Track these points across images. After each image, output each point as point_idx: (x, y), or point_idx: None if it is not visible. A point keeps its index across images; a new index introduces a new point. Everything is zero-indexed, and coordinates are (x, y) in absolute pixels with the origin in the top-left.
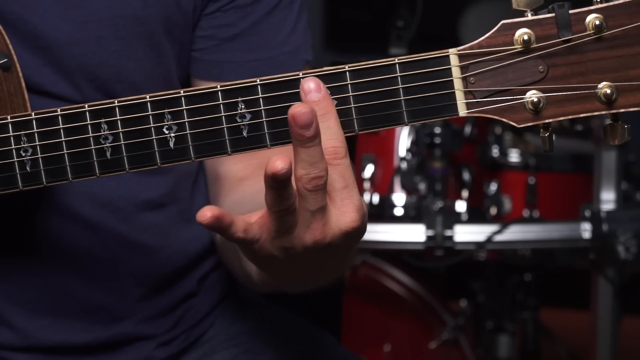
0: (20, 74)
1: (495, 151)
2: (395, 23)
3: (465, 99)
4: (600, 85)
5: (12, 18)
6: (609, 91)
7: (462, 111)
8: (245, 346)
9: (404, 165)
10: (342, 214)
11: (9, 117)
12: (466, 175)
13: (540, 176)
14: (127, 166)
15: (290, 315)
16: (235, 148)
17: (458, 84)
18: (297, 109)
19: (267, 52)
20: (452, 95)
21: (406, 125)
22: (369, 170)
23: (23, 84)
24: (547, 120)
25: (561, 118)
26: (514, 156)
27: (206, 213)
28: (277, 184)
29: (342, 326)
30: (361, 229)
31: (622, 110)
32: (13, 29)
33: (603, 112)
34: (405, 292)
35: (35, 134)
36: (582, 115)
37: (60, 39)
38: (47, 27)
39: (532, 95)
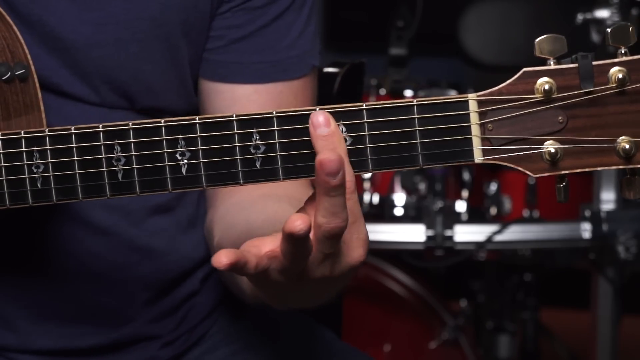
0: (37, 85)
1: None
2: (395, 23)
3: (482, 146)
4: (619, 140)
5: (31, 20)
6: (627, 146)
7: (478, 158)
8: (246, 342)
9: None
10: (351, 249)
11: (22, 132)
12: (466, 175)
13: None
14: (137, 190)
15: (291, 312)
16: (248, 179)
17: (475, 130)
18: (325, 156)
19: (274, 55)
20: (469, 141)
21: (421, 167)
22: None
23: (39, 95)
24: (563, 172)
25: (578, 170)
26: None
27: (222, 259)
28: (294, 241)
29: (342, 326)
30: (364, 260)
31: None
32: (32, 31)
33: (621, 167)
34: (405, 292)
35: (48, 151)
36: (599, 168)
37: (78, 41)
38: (66, 29)
39: (550, 145)
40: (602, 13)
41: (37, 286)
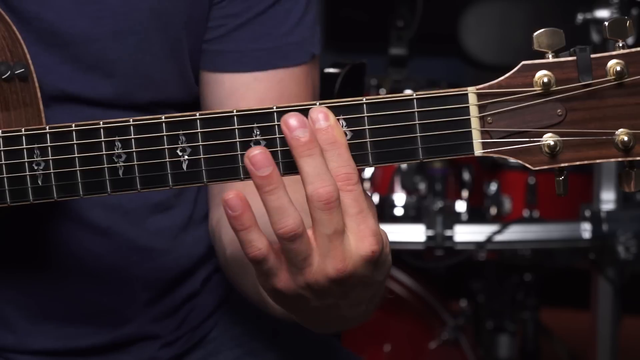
0: (37, 84)
1: None
2: (395, 23)
3: (482, 139)
4: (617, 132)
5: (28, 17)
6: (626, 138)
7: (478, 151)
8: (249, 346)
9: (404, 165)
10: (360, 239)
11: (22, 129)
12: (466, 175)
13: (540, 176)
14: (139, 186)
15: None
16: (249, 175)
17: (475, 123)
18: (285, 115)
19: (272, 42)
20: (469, 134)
21: (420, 161)
22: (369, 170)
23: (39, 94)
24: (562, 165)
25: (577, 163)
26: None
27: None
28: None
29: None
30: (381, 256)
31: (638, 158)
32: (29, 27)
33: (619, 159)
34: (405, 292)
35: (49, 148)
36: (598, 161)
37: (77, 36)
38: (64, 24)
39: (549, 138)
40: (602, 13)
41: (36, 286)
